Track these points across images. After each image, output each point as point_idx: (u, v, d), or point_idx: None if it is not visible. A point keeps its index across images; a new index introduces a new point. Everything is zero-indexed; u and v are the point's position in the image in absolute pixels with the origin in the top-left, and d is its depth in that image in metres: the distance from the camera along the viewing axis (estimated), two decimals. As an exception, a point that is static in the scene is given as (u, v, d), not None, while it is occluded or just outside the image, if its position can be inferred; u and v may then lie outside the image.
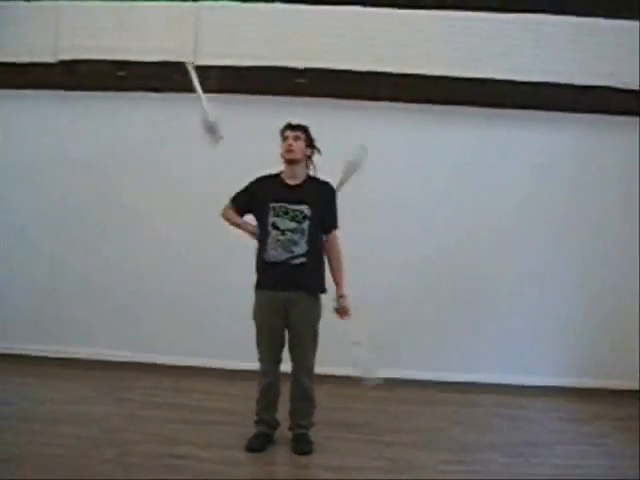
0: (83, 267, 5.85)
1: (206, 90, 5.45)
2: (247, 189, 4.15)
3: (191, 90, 5.47)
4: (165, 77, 5.54)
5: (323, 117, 5.37)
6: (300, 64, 5.50)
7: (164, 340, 5.78)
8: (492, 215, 5.67)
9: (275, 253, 3.96)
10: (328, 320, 5.33)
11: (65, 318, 5.85)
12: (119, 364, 5.73)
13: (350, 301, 4.08)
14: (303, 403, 4.13)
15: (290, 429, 4.16)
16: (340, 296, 4.06)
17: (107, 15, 5.60)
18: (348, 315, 4.09)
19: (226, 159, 5.06)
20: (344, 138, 5.40)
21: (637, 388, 5.42)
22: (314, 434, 4.19)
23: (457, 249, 5.67)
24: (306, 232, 3.96)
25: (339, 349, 5.31)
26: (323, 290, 4.09)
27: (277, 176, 4.13)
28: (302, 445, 4.06)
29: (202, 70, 5.47)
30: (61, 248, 5.87)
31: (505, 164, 5.68)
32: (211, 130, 4.06)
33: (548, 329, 5.66)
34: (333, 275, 4.11)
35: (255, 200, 4.08)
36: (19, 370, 5.53)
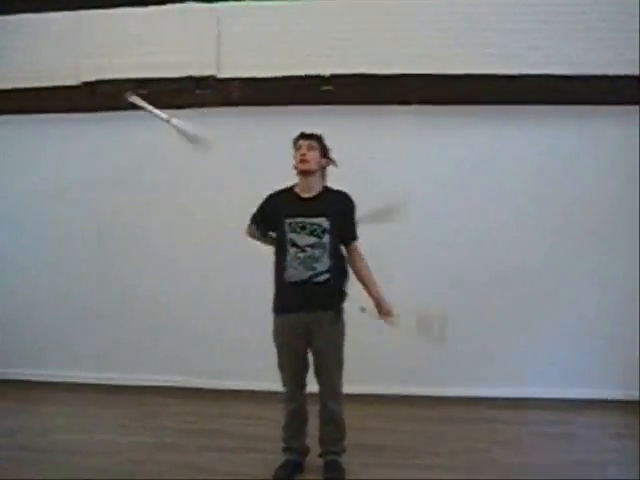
0: (116, 290, 5.75)
1: (230, 103, 5.42)
2: (261, 208, 3.94)
3: (217, 104, 5.47)
4: (188, 92, 5.43)
5: (352, 124, 5.25)
6: (326, 71, 5.29)
7: (198, 363, 5.62)
8: (534, 219, 5.36)
9: (295, 272, 3.73)
10: (363, 337, 5.19)
11: (100, 343, 5.76)
12: (153, 388, 5.59)
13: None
14: (332, 429, 3.91)
15: (320, 456, 3.95)
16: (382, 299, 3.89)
17: (127, 33, 5.50)
18: (392, 315, 3.92)
19: (256, 173, 4.94)
20: (373, 145, 5.32)
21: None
22: (348, 460, 3.97)
23: (491, 260, 5.36)
24: (327, 246, 3.73)
25: (371, 366, 5.23)
26: (341, 309, 3.87)
27: (290, 190, 3.91)
28: (333, 473, 3.85)
29: (225, 83, 5.43)
30: (93, 269, 5.79)
31: (541, 162, 5.35)
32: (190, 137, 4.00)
33: (592, 340, 5.30)
34: (366, 283, 3.88)
35: (271, 218, 3.87)
36: (55, 398, 5.48)
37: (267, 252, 3.92)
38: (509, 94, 5.16)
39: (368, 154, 5.21)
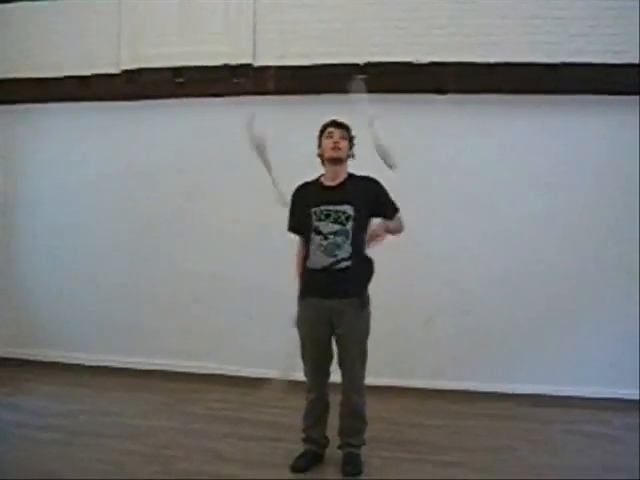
0: (152, 277, 5.82)
1: (265, 92, 5.40)
2: (293, 208, 3.93)
3: (253, 93, 5.46)
4: (224, 81, 5.44)
5: (386, 113, 5.15)
6: (360, 59, 5.22)
7: (228, 351, 5.64)
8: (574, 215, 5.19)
9: (318, 259, 3.71)
10: (393, 330, 5.13)
11: (138, 329, 5.83)
12: (183, 374, 5.64)
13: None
14: (352, 421, 3.85)
15: (339, 448, 3.89)
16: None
17: (166, 21, 5.54)
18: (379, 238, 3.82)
19: (291, 162, 4.84)
20: (408, 134, 5.22)
21: None
22: (368, 452, 3.92)
23: (525, 254, 5.24)
24: (350, 234, 3.69)
25: (402, 359, 5.16)
26: (366, 298, 3.78)
27: (316, 180, 3.90)
28: (350, 466, 3.79)
29: (261, 71, 5.42)
30: (129, 257, 5.87)
31: (589, 157, 5.17)
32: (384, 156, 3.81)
33: (629, 338, 5.07)
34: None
35: (299, 210, 3.85)
36: (98, 381, 5.57)
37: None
38: (548, 83, 5.00)
39: (402, 143, 5.12)
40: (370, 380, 4.10)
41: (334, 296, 3.70)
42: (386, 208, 3.81)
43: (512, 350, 5.23)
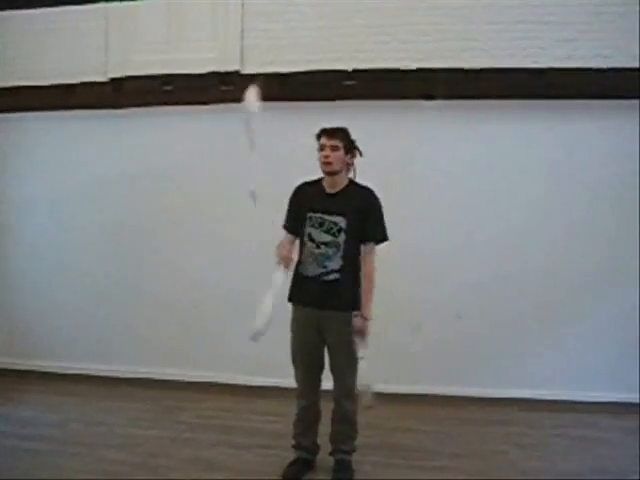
0: (144, 284, 5.76)
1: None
2: (291, 207, 3.89)
3: (239, 100, 5.44)
4: (212, 88, 5.42)
5: (375, 119, 5.17)
6: (348, 66, 5.22)
7: (218, 359, 5.58)
8: (557, 217, 5.18)
9: (309, 267, 3.73)
10: (384, 336, 5.12)
11: (129, 336, 5.77)
12: (174, 383, 5.58)
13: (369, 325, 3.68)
14: (343, 427, 3.86)
15: (331, 454, 3.90)
16: (361, 315, 3.65)
17: (153, 29, 5.51)
18: (362, 338, 3.65)
19: (277, 169, 4.85)
20: (397, 140, 5.23)
21: None
22: (359, 458, 3.94)
23: (512, 259, 5.22)
24: (341, 246, 3.68)
25: (393, 366, 5.15)
26: (356, 308, 3.71)
27: (318, 182, 3.84)
28: (342, 472, 3.81)
29: (249, 78, 5.40)
30: (118, 265, 5.82)
31: (577, 162, 5.16)
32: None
33: (617, 341, 5.08)
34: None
35: (297, 210, 3.83)
36: (74, 390, 5.51)
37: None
38: (536, 88, 5.01)
39: (391, 149, 5.13)
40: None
41: (321, 307, 3.69)
42: (366, 228, 3.71)
43: (502, 355, 5.21)
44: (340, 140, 3.71)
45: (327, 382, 3.87)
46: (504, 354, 5.22)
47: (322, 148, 3.71)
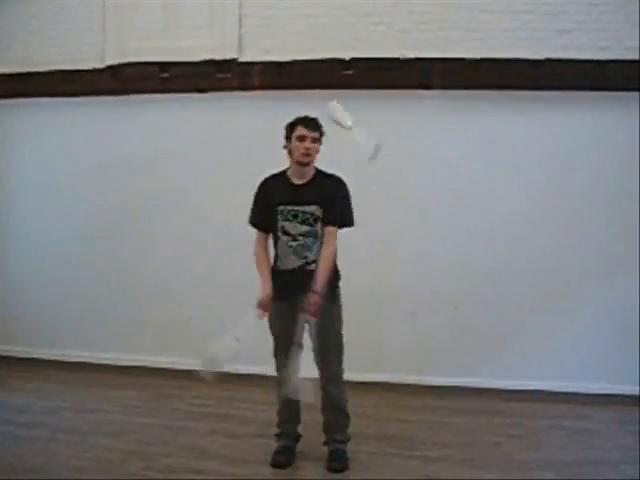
0: (140, 272, 5.76)
1: (250, 87, 5.38)
2: (256, 202, 3.81)
3: (236, 88, 5.43)
4: (209, 76, 5.41)
5: (372, 109, 5.14)
6: (346, 55, 5.20)
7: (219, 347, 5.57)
8: (554, 208, 5.18)
9: (288, 261, 3.70)
10: (375, 325, 5.15)
11: (122, 324, 5.76)
12: (169, 371, 5.55)
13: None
14: (335, 416, 3.83)
15: (325, 444, 3.88)
16: (313, 291, 3.55)
17: (151, 16, 5.50)
18: (314, 316, 3.57)
19: (276, 158, 4.83)
20: (396, 130, 5.21)
21: None
22: (354, 448, 3.92)
23: (508, 250, 5.22)
24: (319, 234, 3.67)
25: (383, 355, 5.15)
26: (336, 292, 3.74)
27: (283, 174, 3.79)
28: (336, 462, 3.78)
29: (246, 66, 5.39)
30: (111, 251, 5.81)
31: (574, 152, 5.15)
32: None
33: (611, 333, 5.08)
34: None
35: (265, 206, 3.74)
36: (67, 377, 5.53)
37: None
38: (534, 79, 5.00)
39: (389, 139, 5.11)
40: (355, 376, 4.12)
41: (304, 294, 3.58)
42: (335, 213, 3.67)
43: (496, 346, 5.22)
44: (319, 132, 3.70)
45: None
46: (498, 345, 5.23)
47: (302, 139, 3.65)
